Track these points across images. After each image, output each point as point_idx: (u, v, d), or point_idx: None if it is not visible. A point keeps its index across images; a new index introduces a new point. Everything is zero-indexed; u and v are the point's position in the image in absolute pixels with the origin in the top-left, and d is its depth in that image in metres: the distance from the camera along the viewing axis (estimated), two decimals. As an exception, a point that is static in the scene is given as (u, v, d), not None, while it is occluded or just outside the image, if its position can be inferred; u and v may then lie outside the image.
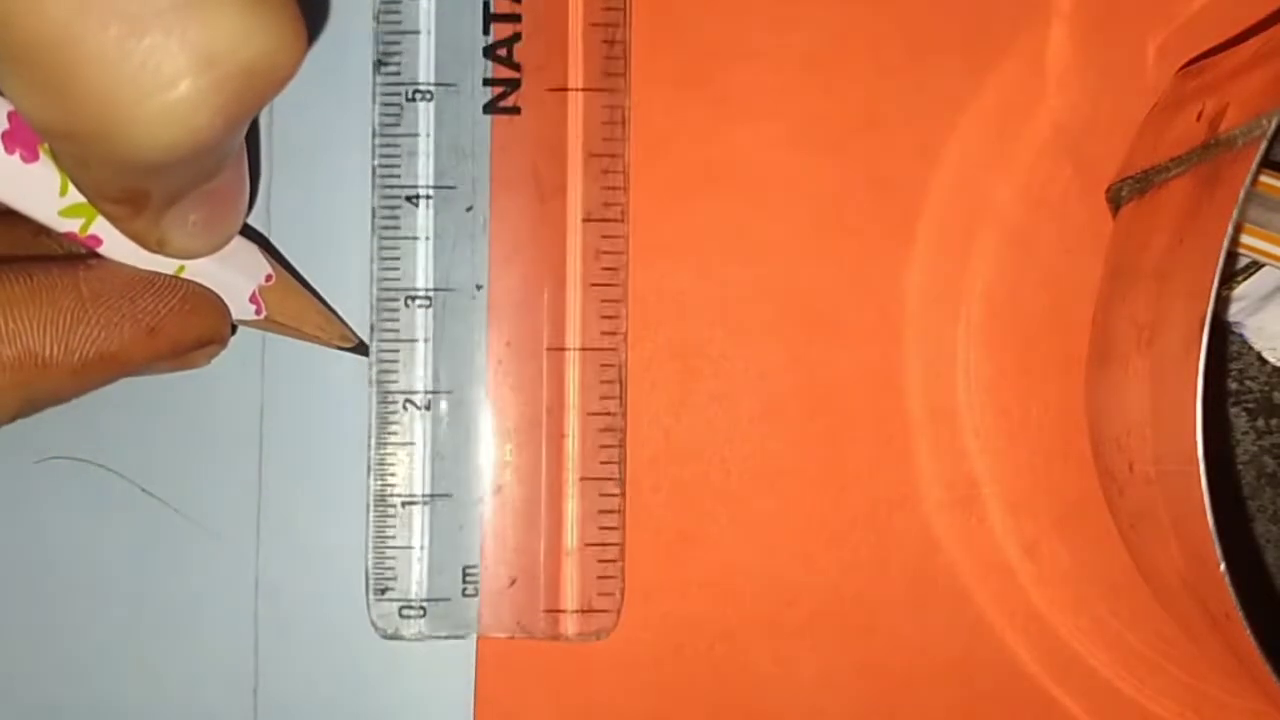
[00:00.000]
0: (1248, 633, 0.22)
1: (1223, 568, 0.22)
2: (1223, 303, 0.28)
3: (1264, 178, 0.26)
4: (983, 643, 0.29)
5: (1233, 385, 0.29)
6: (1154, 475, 0.24)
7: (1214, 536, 0.22)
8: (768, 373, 0.29)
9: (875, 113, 0.29)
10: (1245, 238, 0.26)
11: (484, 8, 0.28)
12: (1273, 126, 0.22)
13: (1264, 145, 0.22)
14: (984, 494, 0.29)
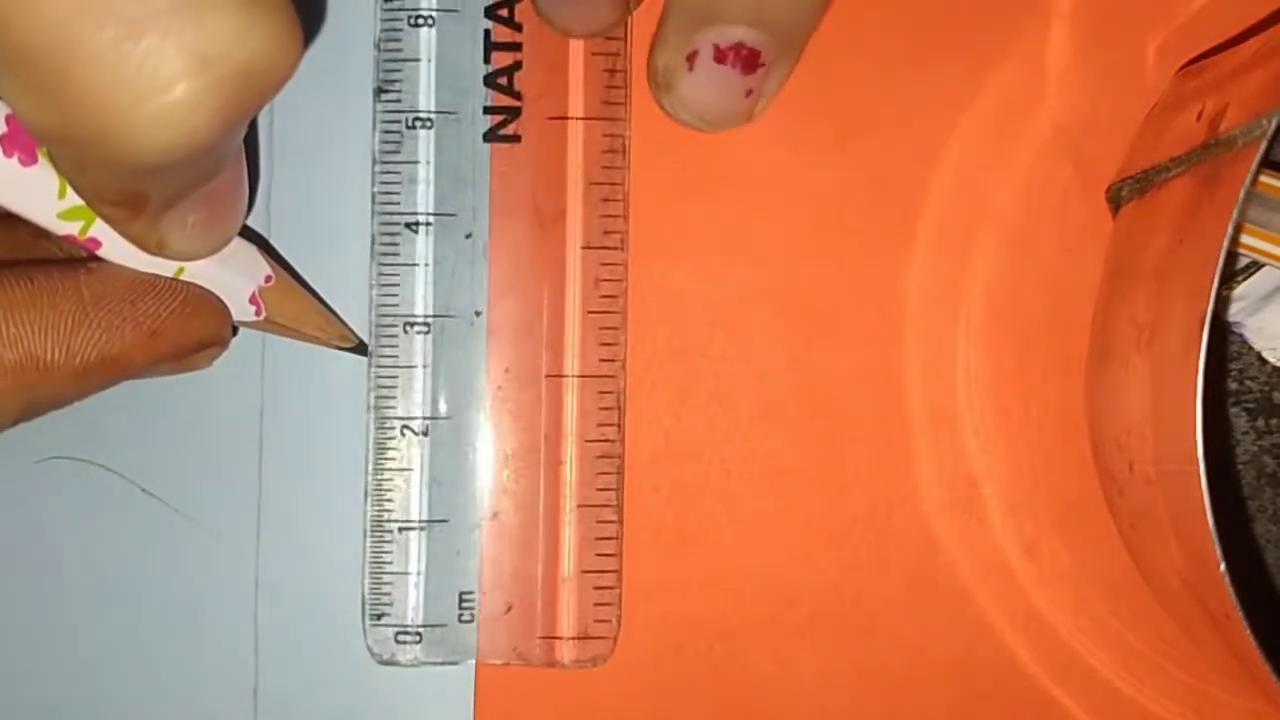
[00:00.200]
0: (1248, 633, 0.22)
1: (1223, 568, 0.22)
2: (1223, 303, 0.28)
3: (1264, 178, 0.26)
4: (983, 643, 0.29)
5: (1233, 385, 0.29)
6: (1154, 475, 0.24)
7: (1214, 536, 0.22)
8: (768, 373, 0.29)
9: (875, 113, 0.29)
10: (1245, 238, 0.26)
11: (485, 36, 0.28)
12: (1273, 126, 0.22)
13: (1264, 145, 0.22)
14: (984, 494, 0.29)
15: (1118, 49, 0.29)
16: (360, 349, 0.28)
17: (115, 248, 0.23)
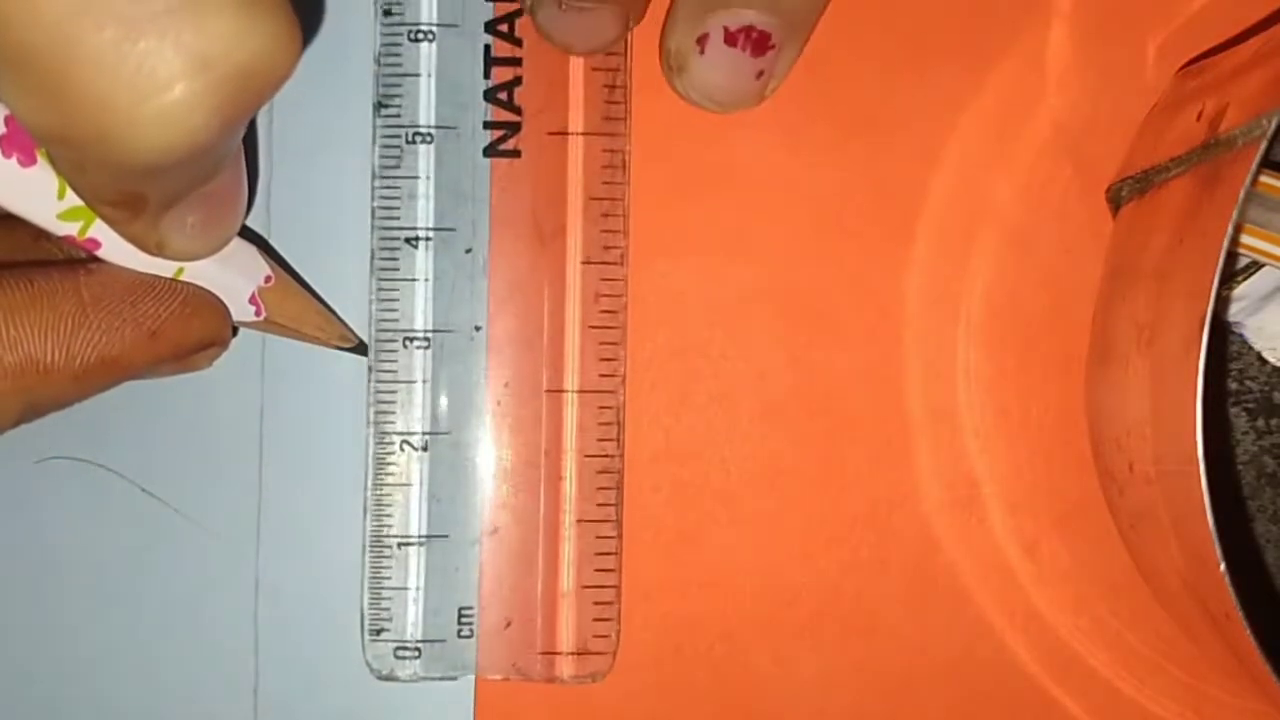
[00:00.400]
0: (1248, 633, 0.22)
1: (1223, 568, 0.22)
2: (1223, 303, 0.28)
3: (1264, 178, 0.26)
4: (983, 643, 0.29)
5: (1233, 385, 0.29)
6: (1154, 475, 0.24)
7: (1214, 536, 0.22)
8: (768, 373, 0.29)
9: (875, 113, 0.29)
10: (1245, 238, 0.26)
11: (485, 51, 0.28)
12: (1273, 126, 0.22)
13: (1264, 145, 0.22)
14: (984, 494, 0.29)
15: (1118, 49, 0.29)
16: (360, 349, 0.28)
17: (115, 248, 0.23)
